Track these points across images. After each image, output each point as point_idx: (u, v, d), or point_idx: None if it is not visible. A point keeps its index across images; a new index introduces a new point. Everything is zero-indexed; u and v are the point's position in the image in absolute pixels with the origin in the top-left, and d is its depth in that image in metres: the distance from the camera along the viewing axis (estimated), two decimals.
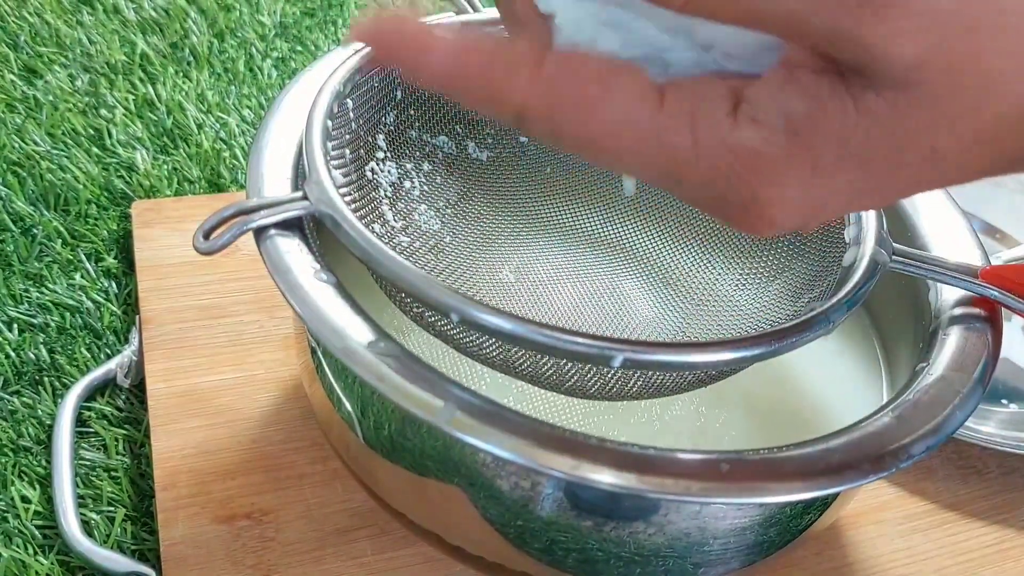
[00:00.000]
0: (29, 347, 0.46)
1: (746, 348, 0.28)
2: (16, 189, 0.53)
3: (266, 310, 0.47)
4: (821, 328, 0.29)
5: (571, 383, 0.31)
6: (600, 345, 0.27)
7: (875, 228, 0.33)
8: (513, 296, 0.39)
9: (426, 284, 0.28)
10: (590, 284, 0.41)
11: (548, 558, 0.33)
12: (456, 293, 0.27)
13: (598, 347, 0.27)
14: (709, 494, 0.26)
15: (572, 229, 0.43)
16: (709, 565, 0.33)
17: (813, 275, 0.36)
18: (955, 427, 0.30)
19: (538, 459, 0.26)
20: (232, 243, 0.29)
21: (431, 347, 0.34)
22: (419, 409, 0.27)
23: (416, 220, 0.39)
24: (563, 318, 0.39)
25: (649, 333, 0.39)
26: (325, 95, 0.34)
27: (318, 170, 0.31)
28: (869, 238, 0.33)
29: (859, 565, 0.41)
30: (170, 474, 0.40)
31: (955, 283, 0.35)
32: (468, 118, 0.41)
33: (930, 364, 0.33)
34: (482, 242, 0.41)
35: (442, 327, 0.31)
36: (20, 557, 0.38)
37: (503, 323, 0.27)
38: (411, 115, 0.39)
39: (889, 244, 0.34)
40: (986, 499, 0.45)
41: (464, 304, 0.27)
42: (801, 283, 0.36)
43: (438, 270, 0.38)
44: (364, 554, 0.38)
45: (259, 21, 0.71)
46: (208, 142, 0.59)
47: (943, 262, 0.35)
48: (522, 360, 0.30)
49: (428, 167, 0.40)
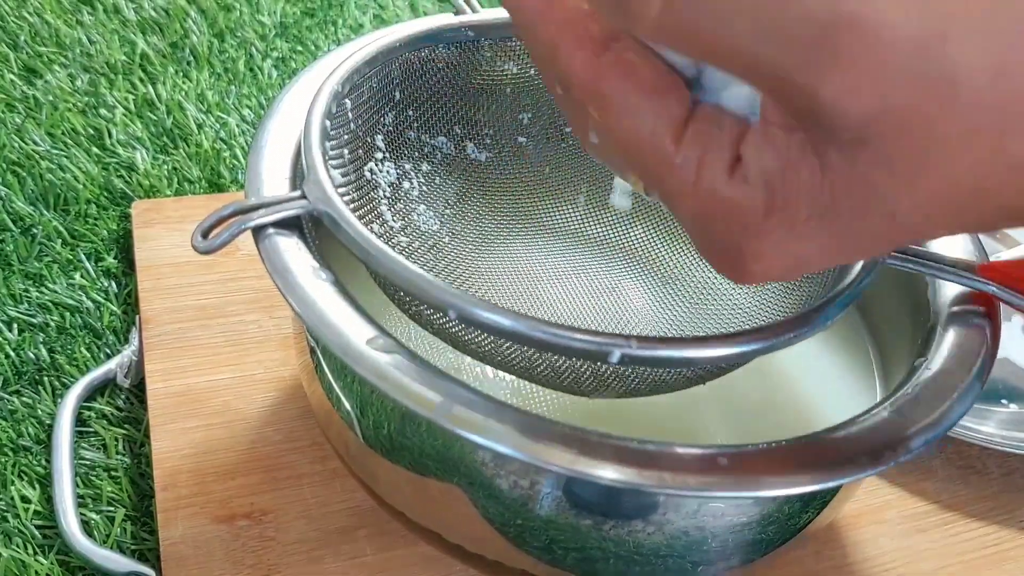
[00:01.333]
0: (29, 347, 0.46)
1: (745, 343, 0.28)
2: (16, 189, 0.53)
3: (265, 310, 0.47)
4: (820, 323, 0.29)
5: (566, 379, 0.31)
6: (598, 341, 0.27)
7: None
8: (511, 294, 0.39)
9: (424, 282, 0.28)
10: (588, 283, 0.42)
11: (547, 557, 0.33)
12: (454, 290, 0.27)
13: (596, 343, 0.27)
14: (708, 488, 0.26)
15: (570, 229, 0.43)
16: (708, 563, 0.33)
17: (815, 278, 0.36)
18: (953, 422, 0.30)
19: (536, 454, 0.26)
20: (230, 242, 0.29)
21: (428, 344, 0.34)
22: (417, 405, 0.27)
23: (415, 220, 0.39)
24: (561, 316, 0.39)
25: (648, 331, 0.39)
26: (323, 95, 0.34)
27: (317, 169, 0.31)
28: None
29: (859, 565, 0.41)
30: (170, 474, 0.40)
31: (953, 279, 0.35)
32: (467, 119, 0.41)
33: (928, 359, 0.33)
34: (480, 242, 0.41)
35: (440, 324, 0.31)
36: (20, 557, 0.38)
37: (501, 319, 0.27)
38: (409, 116, 0.39)
39: None
40: (986, 499, 0.44)
41: (462, 301, 0.27)
42: (801, 285, 0.36)
43: (437, 269, 0.38)
44: (363, 553, 0.38)
45: (259, 21, 0.71)
46: (208, 142, 0.59)
47: (940, 258, 0.35)
48: (516, 356, 0.30)
49: (427, 168, 0.40)
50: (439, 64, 0.39)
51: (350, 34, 0.73)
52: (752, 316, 0.37)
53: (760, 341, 0.28)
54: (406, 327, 0.35)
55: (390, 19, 0.75)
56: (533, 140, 0.42)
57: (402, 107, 0.38)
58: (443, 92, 0.39)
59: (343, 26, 0.73)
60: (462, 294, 0.27)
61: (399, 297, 0.32)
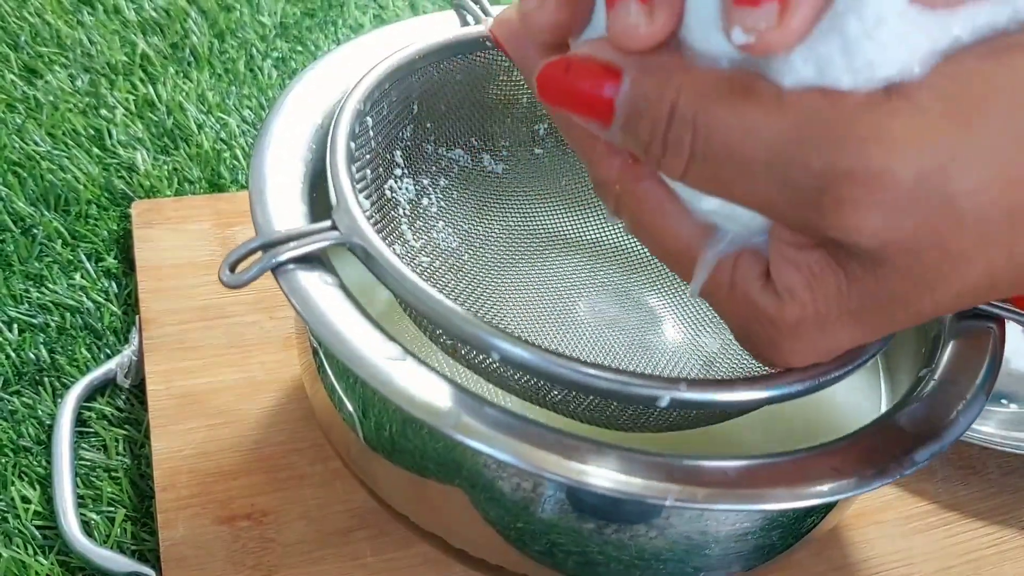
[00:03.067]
0: (29, 347, 0.46)
1: (793, 384, 0.27)
2: (16, 189, 0.53)
3: (266, 311, 0.47)
4: (864, 360, 0.29)
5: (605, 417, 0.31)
6: (648, 385, 0.26)
7: None
8: (534, 313, 0.39)
9: (467, 323, 0.27)
10: (611, 299, 0.41)
11: (548, 561, 0.33)
12: (500, 331, 0.27)
13: (646, 386, 0.26)
14: (716, 500, 0.26)
15: (588, 239, 0.43)
16: (710, 568, 0.33)
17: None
18: (959, 433, 0.30)
19: (545, 465, 0.26)
20: (259, 277, 0.28)
21: (435, 350, 0.34)
22: (425, 414, 0.27)
23: (435, 238, 0.38)
24: (586, 335, 0.39)
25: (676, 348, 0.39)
26: (346, 115, 0.33)
27: (347, 198, 0.30)
28: None
29: (859, 566, 0.41)
30: (170, 475, 0.40)
31: (985, 308, 0.34)
32: (483, 130, 0.40)
33: (933, 370, 0.33)
34: (500, 258, 0.40)
35: (479, 362, 0.31)
36: (20, 557, 0.38)
37: (547, 364, 0.26)
38: (427, 128, 0.38)
39: None
40: (986, 499, 0.45)
41: (505, 341, 0.27)
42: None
43: (458, 290, 0.37)
44: (364, 555, 0.38)
45: (259, 21, 0.71)
46: (208, 142, 0.59)
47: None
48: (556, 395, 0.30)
49: (444, 182, 0.39)
50: (457, 75, 0.38)
51: (350, 34, 0.73)
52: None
53: (808, 380, 0.27)
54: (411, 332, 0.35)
55: (390, 19, 0.75)
56: (549, 151, 0.42)
57: (420, 119, 0.38)
58: (460, 104, 0.39)
59: (343, 26, 0.73)
60: (505, 335, 0.27)
61: (432, 331, 0.31)
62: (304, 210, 0.32)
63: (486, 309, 0.37)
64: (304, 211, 0.32)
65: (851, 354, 0.29)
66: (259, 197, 0.32)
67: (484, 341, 0.27)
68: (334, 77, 0.38)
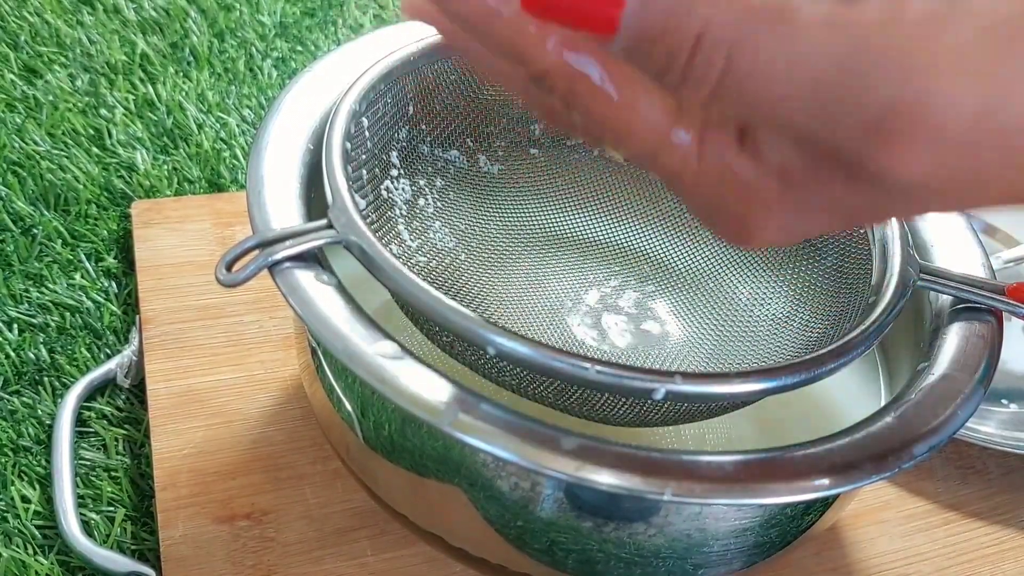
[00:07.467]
0: (29, 347, 0.46)
1: (787, 376, 0.28)
2: (16, 189, 0.53)
3: (265, 310, 0.47)
4: (858, 352, 0.29)
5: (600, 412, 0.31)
6: (644, 378, 0.26)
7: (901, 248, 0.34)
8: (531, 311, 0.39)
9: (462, 318, 0.27)
10: (607, 297, 0.41)
11: (548, 559, 0.33)
12: (495, 326, 0.27)
13: (641, 379, 0.26)
14: (713, 495, 0.26)
15: (583, 238, 0.43)
16: (709, 566, 0.33)
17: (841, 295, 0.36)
18: (957, 427, 0.30)
19: (542, 461, 0.26)
20: (255, 275, 0.28)
21: (432, 347, 0.34)
22: (421, 411, 0.27)
23: (431, 238, 0.38)
24: (585, 332, 0.39)
25: (673, 342, 0.39)
26: (342, 115, 0.33)
27: (343, 196, 0.30)
28: (895, 258, 0.33)
29: (859, 565, 0.41)
30: (170, 474, 0.40)
31: (982, 302, 0.34)
32: (479, 131, 0.40)
33: (931, 364, 0.33)
34: (497, 257, 0.40)
35: (474, 359, 0.31)
36: (20, 557, 0.38)
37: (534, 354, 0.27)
38: (423, 130, 0.38)
39: (916, 263, 0.34)
40: (986, 499, 0.44)
41: (501, 336, 0.27)
42: (829, 303, 0.36)
43: (455, 288, 0.37)
44: (364, 554, 0.38)
45: (259, 21, 0.71)
46: (208, 142, 0.59)
47: (970, 279, 0.35)
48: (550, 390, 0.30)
49: (441, 183, 0.39)
50: (452, 76, 0.38)
51: (350, 34, 0.73)
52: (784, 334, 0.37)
53: (802, 372, 0.28)
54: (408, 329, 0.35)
55: (390, 19, 0.75)
56: (545, 151, 0.42)
57: (416, 121, 0.38)
58: (455, 104, 0.39)
59: (343, 26, 0.73)
60: (500, 330, 0.27)
61: (429, 328, 0.31)
62: (301, 209, 0.32)
63: (483, 307, 0.37)
64: (301, 210, 0.32)
65: (845, 347, 0.29)
66: (256, 196, 0.32)
67: (479, 335, 0.27)
68: (333, 78, 0.38)
